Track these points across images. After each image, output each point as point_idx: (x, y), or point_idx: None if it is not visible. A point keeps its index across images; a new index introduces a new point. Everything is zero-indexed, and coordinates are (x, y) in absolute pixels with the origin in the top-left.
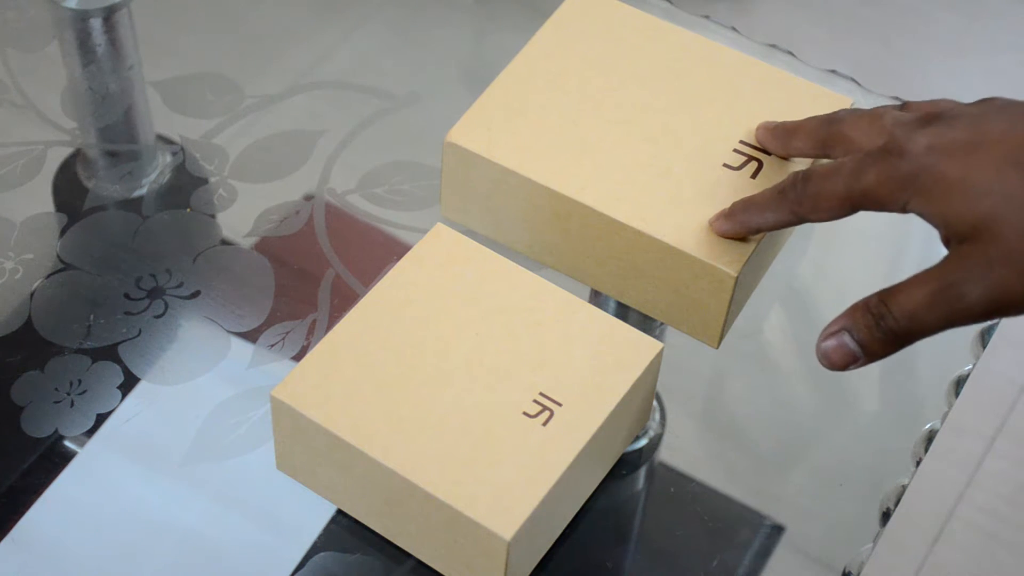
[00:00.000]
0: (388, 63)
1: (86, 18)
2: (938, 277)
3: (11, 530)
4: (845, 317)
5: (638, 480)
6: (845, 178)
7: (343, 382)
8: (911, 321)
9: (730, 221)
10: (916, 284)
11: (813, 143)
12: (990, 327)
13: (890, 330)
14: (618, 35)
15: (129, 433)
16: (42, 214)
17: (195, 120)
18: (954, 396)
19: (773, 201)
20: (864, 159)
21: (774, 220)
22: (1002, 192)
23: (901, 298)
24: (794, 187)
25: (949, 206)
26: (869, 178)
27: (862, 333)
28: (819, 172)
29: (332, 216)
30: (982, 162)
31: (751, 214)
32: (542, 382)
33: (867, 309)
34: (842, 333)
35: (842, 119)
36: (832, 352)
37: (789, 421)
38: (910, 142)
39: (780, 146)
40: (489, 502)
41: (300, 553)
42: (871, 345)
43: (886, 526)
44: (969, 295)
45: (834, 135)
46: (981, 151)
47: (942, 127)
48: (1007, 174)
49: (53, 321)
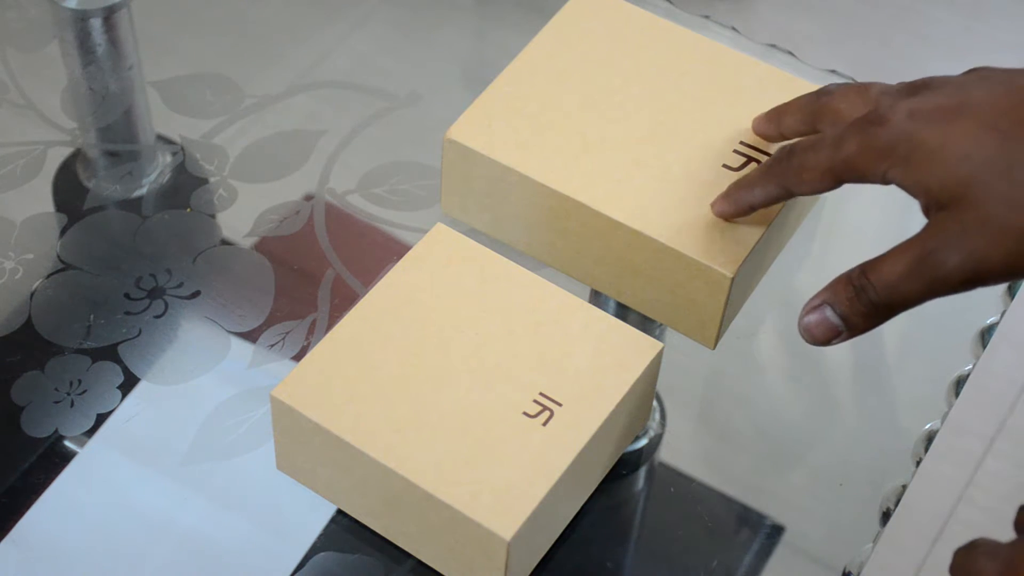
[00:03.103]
0: (388, 63)
1: (86, 18)
2: (917, 246)
3: (11, 530)
4: (826, 291)
5: (638, 480)
6: (827, 149)
7: (343, 382)
8: (892, 292)
9: (726, 201)
10: (896, 255)
11: (803, 117)
12: (990, 327)
13: (872, 302)
14: (620, 34)
15: (129, 433)
16: (42, 214)
17: (195, 120)
18: (954, 396)
19: (762, 176)
20: (846, 129)
21: (763, 195)
22: (980, 157)
23: (882, 270)
24: (780, 161)
25: (928, 173)
26: (850, 147)
27: (844, 306)
28: (803, 144)
29: (332, 216)
30: (961, 128)
31: (743, 191)
32: (542, 382)
33: (848, 282)
34: (823, 307)
35: (831, 92)
36: (814, 327)
37: (789, 421)
38: (891, 110)
39: (774, 128)
40: (489, 502)
41: (300, 553)
42: (853, 318)
43: (886, 526)
44: (947, 263)
45: (823, 108)
46: (960, 117)
47: (928, 94)
48: (985, 139)
49: (53, 321)
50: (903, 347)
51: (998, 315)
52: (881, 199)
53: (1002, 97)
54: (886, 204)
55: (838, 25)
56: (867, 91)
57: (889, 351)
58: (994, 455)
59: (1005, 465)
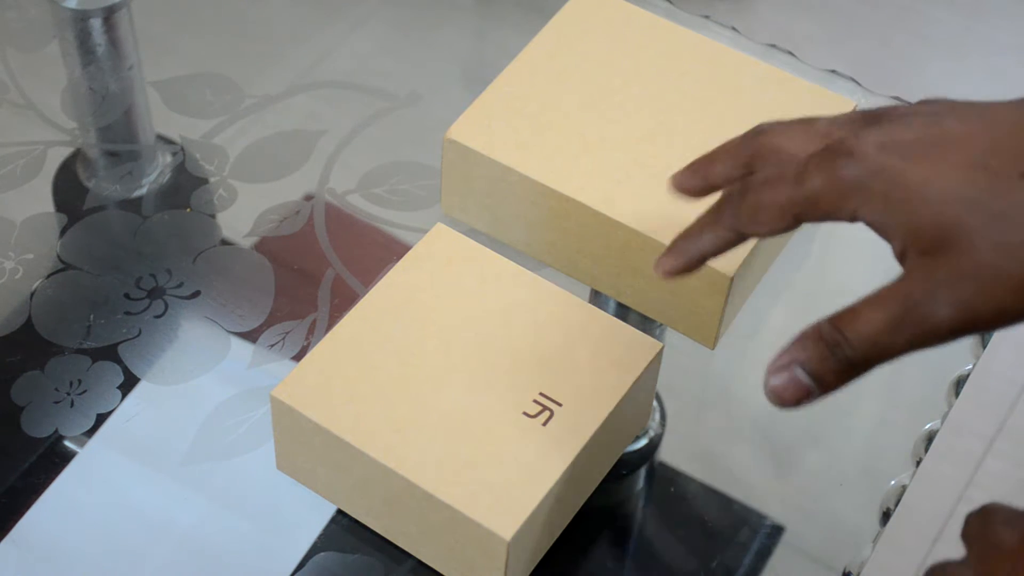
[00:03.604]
0: (388, 63)
1: (86, 18)
2: (900, 297)
3: (11, 530)
4: (794, 349)
5: (638, 480)
6: (787, 185)
7: (343, 382)
8: (871, 348)
9: (672, 256)
10: (874, 306)
11: (737, 163)
12: None
13: (848, 359)
14: (620, 34)
15: (129, 433)
16: (42, 214)
17: (195, 120)
18: (954, 396)
19: (710, 223)
20: (807, 163)
21: (713, 242)
22: (970, 198)
23: (858, 324)
24: (730, 202)
25: (910, 214)
26: (814, 183)
27: (815, 365)
28: (757, 181)
29: (332, 216)
30: (945, 164)
31: (690, 242)
32: (542, 382)
33: (819, 338)
34: (793, 367)
35: (766, 130)
36: (783, 389)
37: (789, 421)
38: (859, 141)
39: (701, 179)
40: (489, 502)
41: (300, 553)
42: (826, 377)
43: (886, 526)
44: (936, 314)
45: (761, 148)
46: (942, 152)
47: (893, 126)
48: (974, 178)
49: (53, 321)
50: None
51: None
52: None
53: (982, 131)
54: None
55: (838, 25)
56: (812, 125)
57: None
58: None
59: (1005, 465)
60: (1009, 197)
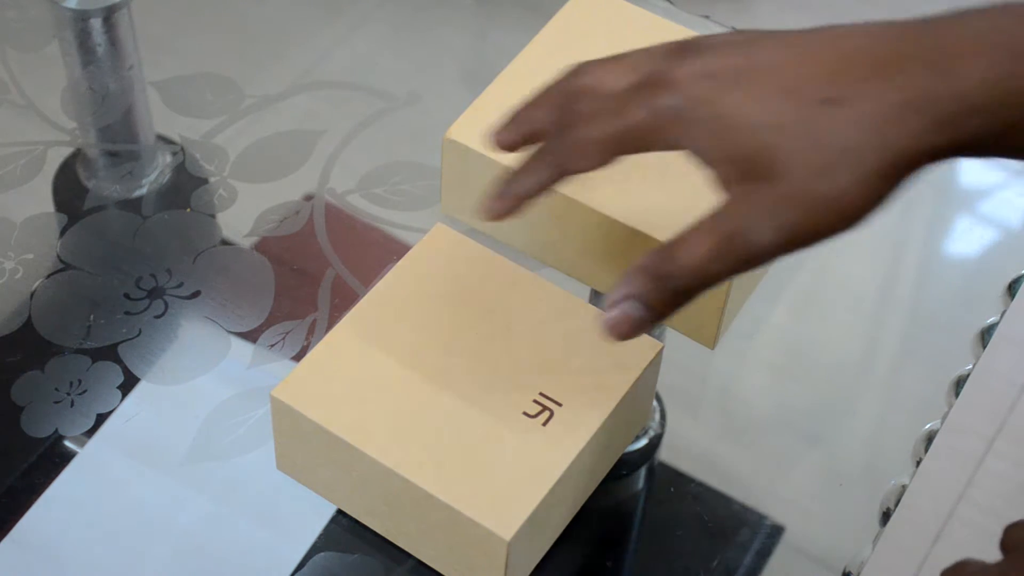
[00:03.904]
0: (388, 63)
1: (86, 18)
2: (722, 224)
3: (11, 530)
4: (627, 284)
5: (638, 480)
6: (608, 118)
7: (343, 382)
8: (698, 275)
9: (497, 199)
10: (697, 235)
11: (554, 107)
12: (990, 327)
13: (676, 289)
14: (620, 34)
15: (129, 433)
16: (42, 214)
17: (195, 120)
18: (954, 396)
19: (534, 162)
20: (626, 96)
21: (536, 181)
22: (780, 124)
23: (683, 254)
24: (551, 140)
25: (728, 141)
26: (635, 115)
27: (647, 297)
28: (576, 118)
29: (332, 216)
30: (757, 92)
31: (514, 184)
32: (542, 382)
33: (647, 271)
34: (625, 301)
35: (580, 71)
36: (617, 322)
37: (789, 421)
38: (676, 73)
39: (515, 131)
40: (489, 502)
41: (300, 553)
42: (658, 307)
43: (886, 526)
44: (759, 239)
45: (577, 88)
46: (754, 80)
47: (707, 57)
48: (783, 105)
49: (53, 321)
50: (903, 347)
51: (998, 315)
52: None
53: (790, 59)
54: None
55: None
56: (626, 59)
57: (889, 351)
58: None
59: (1005, 465)
60: (817, 120)
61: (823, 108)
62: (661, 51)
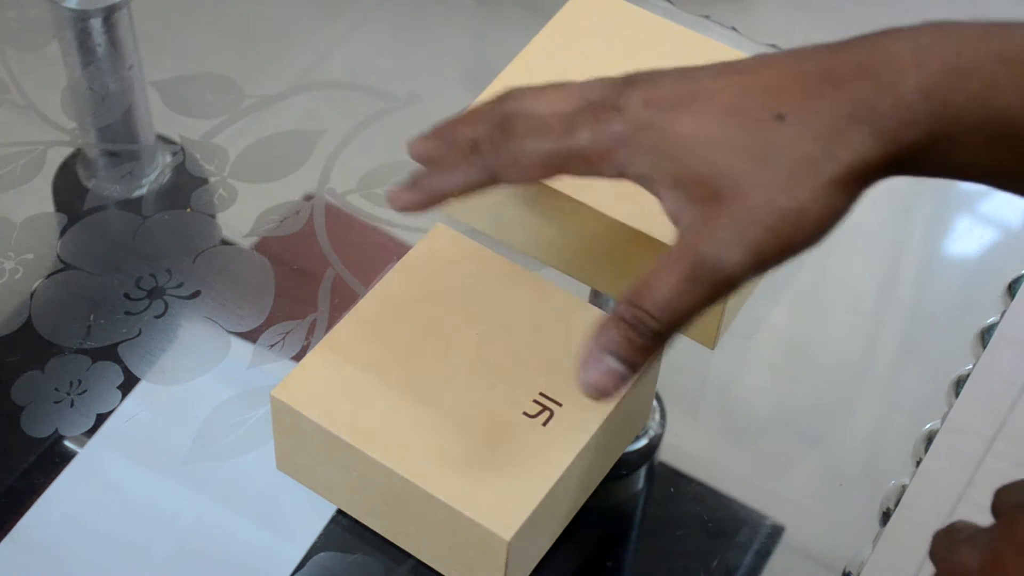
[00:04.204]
0: (388, 63)
1: (86, 18)
2: (687, 254)
3: (11, 530)
4: (600, 338)
5: (638, 480)
6: (554, 136)
7: (343, 382)
8: (674, 313)
9: (411, 191)
10: (664, 269)
11: (487, 126)
12: (990, 327)
13: (654, 332)
14: (620, 34)
15: (129, 433)
16: (42, 214)
17: (195, 120)
18: (954, 396)
19: (464, 160)
20: (574, 117)
21: (464, 180)
22: (733, 144)
23: (653, 292)
24: (490, 142)
25: (680, 165)
26: (582, 136)
27: (624, 350)
28: (521, 127)
29: (332, 216)
30: (705, 114)
31: (437, 177)
32: (542, 382)
33: (620, 321)
34: (602, 356)
35: (517, 94)
36: (600, 382)
37: (789, 421)
38: (622, 98)
39: (446, 144)
40: (489, 502)
41: (300, 553)
42: (637, 357)
43: (886, 526)
44: (727, 261)
45: (514, 111)
46: (701, 104)
47: (651, 86)
48: (733, 124)
49: (53, 321)
50: (903, 347)
51: (998, 315)
52: (882, 198)
53: (733, 82)
54: (887, 203)
55: (838, 25)
56: (565, 88)
57: (889, 351)
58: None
59: (1005, 465)
60: (767, 137)
61: (771, 125)
62: (601, 83)
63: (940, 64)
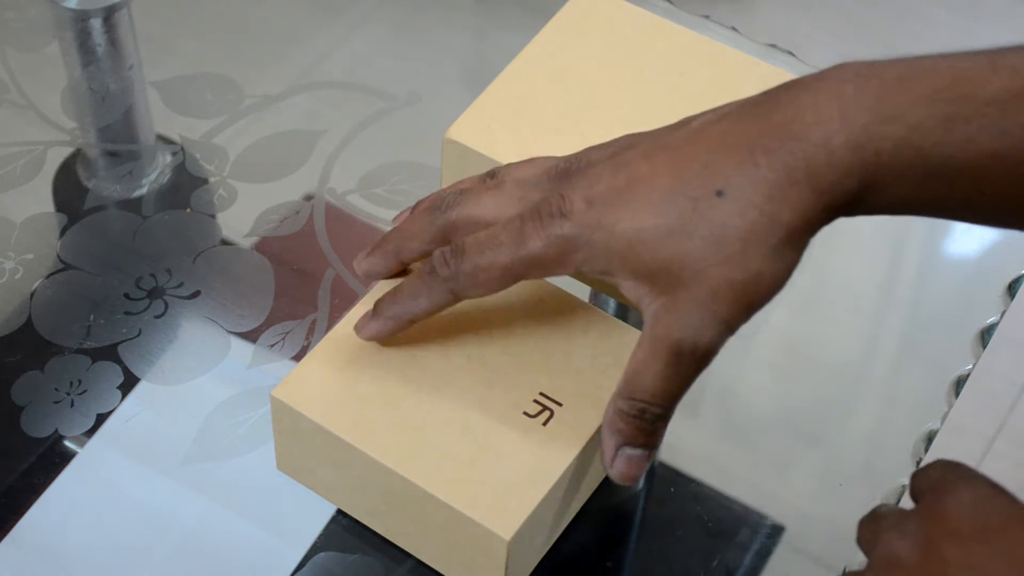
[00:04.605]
0: (388, 63)
1: (86, 18)
2: (664, 341)
3: (11, 530)
4: (612, 436)
5: (638, 480)
6: (506, 247)
7: (343, 382)
8: (666, 395)
9: (378, 320)
10: (648, 361)
11: (429, 239)
12: (990, 327)
13: (657, 416)
14: (620, 34)
15: (129, 433)
16: (42, 214)
17: (195, 120)
18: (954, 396)
19: (424, 285)
20: (521, 225)
21: (428, 304)
22: (678, 229)
23: (645, 384)
24: (445, 265)
25: (633, 260)
26: (534, 244)
27: (637, 439)
28: (472, 244)
29: (332, 216)
30: (645, 204)
31: (401, 305)
32: (542, 382)
33: (624, 416)
34: (622, 451)
35: (453, 203)
36: (628, 470)
37: (789, 421)
38: (564, 199)
39: (392, 260)
40: (489, 502)
41: (300, 553)
42: (650, 439)
43: None
44: (703, 339)
45: (455, 221)
46: (638, 194)
47: (586, 179)
48: (674, 209)
49: (53, 321)
50: (903, 347)
51: (998, 315)
52: None
53: (664, 166)
54: None
55: (838, 25)
56: (503, 189)
57: (889, 351)
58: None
59: (1005, 465)
60: (711, 216)
61: (712, 202)
62: (535, 179)
63: (865, 114)
